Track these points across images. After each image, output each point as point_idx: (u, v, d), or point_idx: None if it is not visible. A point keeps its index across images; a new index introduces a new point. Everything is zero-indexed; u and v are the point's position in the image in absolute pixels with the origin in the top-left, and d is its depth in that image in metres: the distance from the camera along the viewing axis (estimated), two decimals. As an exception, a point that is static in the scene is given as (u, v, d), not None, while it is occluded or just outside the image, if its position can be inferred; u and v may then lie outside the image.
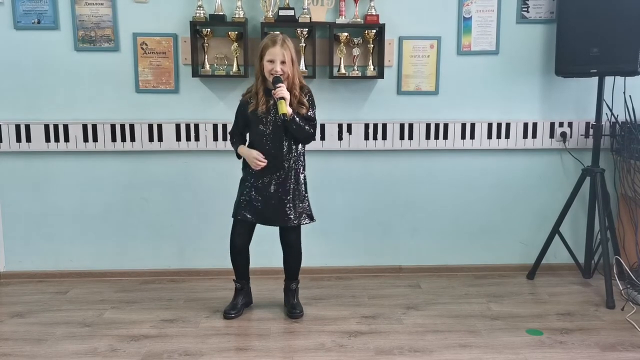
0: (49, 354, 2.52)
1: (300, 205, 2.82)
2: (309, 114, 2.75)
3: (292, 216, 2.79)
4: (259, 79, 2.74)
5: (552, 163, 3.52)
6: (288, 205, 2.78)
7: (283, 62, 2.66)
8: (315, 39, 3.23)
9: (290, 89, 2.68)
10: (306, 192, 2.86)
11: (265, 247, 3.02)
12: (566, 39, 3.20)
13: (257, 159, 2.72)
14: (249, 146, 2.80)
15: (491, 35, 3.38)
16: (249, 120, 2.77)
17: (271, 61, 2.66)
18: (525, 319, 2.89)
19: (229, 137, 2.94)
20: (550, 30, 3.36)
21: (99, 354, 2.51)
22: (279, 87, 2.62)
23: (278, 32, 2.79)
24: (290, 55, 2.68)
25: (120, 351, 2.54)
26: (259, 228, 2.90)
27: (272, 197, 2.77)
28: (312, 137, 2.79)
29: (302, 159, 2.83)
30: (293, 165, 2.78)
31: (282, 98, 2.61)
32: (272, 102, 2.71)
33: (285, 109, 2.61)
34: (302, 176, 2.83)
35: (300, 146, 2.81)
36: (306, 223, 2.85)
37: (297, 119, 2.68)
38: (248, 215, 2.80)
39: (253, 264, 2.97)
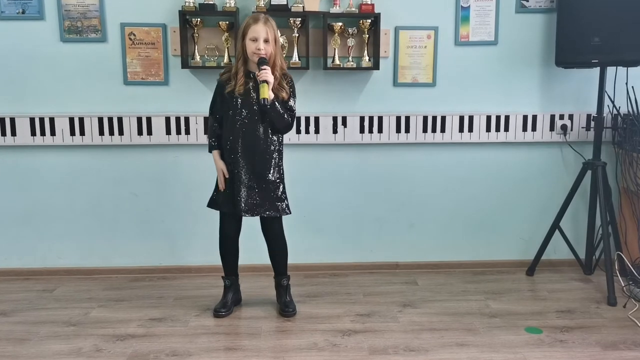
0: (32, 354, 2.44)
1: (277, 195, 2.73)
2: (289, 103, 2.69)
3: (268, 206, 2.71)
4: (239, 59, 2.67)
5: (552, 156, 3.45)
6: (264, 194, 2.70)
7: (266, 41, 2.59)
8: (309, 29, 3.15)
9: (271, 70, 2.60)
10: (283, 183, 2.77)
11: (255, 242, 2.93)
12: (567, 29, 3.12)
13: (220, 176, 2.73)
14: (223, 129, 2.72)
15: (490, 25, 3.30)
16: (226, 102, 2.69)
17: (254, 39, 2.59)
18: (525, 317, 2.82)
19: (209, 124, 2.79)
20: (550, 19, 3.28)
21: (83, 354, 2.43)
22: (264, 69, 2.55)
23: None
24: (274, 35, 2.62)
25: (105, 351, 2.46)
26: (246, 224, 2.83)
27: (246, 185, 2.68)
28: (289, 128, 2.72)
29: (280, 148, 2.75)
30: (270, 152, 2.69)
31: (266, 81, 2.53)
32: (250, 84, 2.64)
33: (267, 93, 2.53)
34: (279, 165, 2.74)
35: (277, 135, 2.73)
36: (281, 214, 2.76)
37: (277, 105, 2.60)
38: (225, 206, 2.73)
39: (243, 261, 2.91)
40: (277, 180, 2.74)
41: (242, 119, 2.66)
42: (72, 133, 3.24)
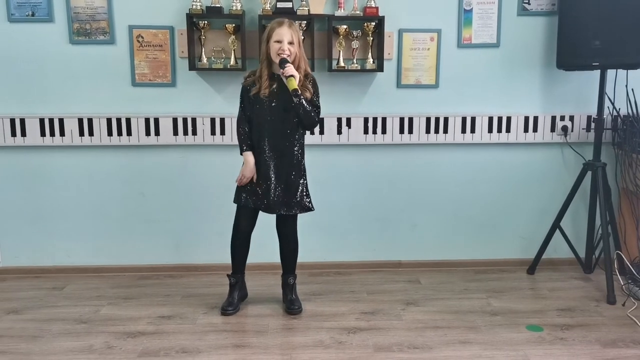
0: (44, 351, 2.50)
1: (300, 193, 2.79)
2: (314, 100, 2.75)
3: (291, 204, 2.77)
4: (264, 62, 2.73)
5: (553, 157, 3.49)
6: (288, 193, 2.76)
7: (290, 43, 2.66)
8: (314, 32, 3.19)
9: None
10: (305, 180, 2.83)
11: (263, 241, 2.99)
12: (568, 32, 3.16)
13: (248, 177, 2.74)
14: (250, 130, 2.77)
15: (492, 28, 3.34)
16: (252, 104, 2.74)
17: (278, 41, 2.65)
18: (526, 315, 2.86)
19: (237, 127, 2.82)
20: (551, 22, 3.32)
21: (95, 351, 2.49)
22: (287, 66, 2.62)
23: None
24: (298, 37, 2.69)
25: (116, 348, 2.51)
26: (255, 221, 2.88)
27: (272, 184, 2.75)
28: (316, 124, 2.79)
29: (302, 146, 2.81)
30: (294, 151, 2.76)
31: (292, 76, 2.60)
32: (275, 86, 2.71)
33: (296, 84, 2.61)
34: (302, 164, 2.81)
35: (301, 133, 2.79)
36: (305, 212, 2.82)
37: (305, 103, 2.67)
38: (250, 201, 2.78)
39: (250, 259, 2.94)
40: (300, 178, 2.79)
41: (268, 120, 2.72)
42: (81, 134, 3.29)
